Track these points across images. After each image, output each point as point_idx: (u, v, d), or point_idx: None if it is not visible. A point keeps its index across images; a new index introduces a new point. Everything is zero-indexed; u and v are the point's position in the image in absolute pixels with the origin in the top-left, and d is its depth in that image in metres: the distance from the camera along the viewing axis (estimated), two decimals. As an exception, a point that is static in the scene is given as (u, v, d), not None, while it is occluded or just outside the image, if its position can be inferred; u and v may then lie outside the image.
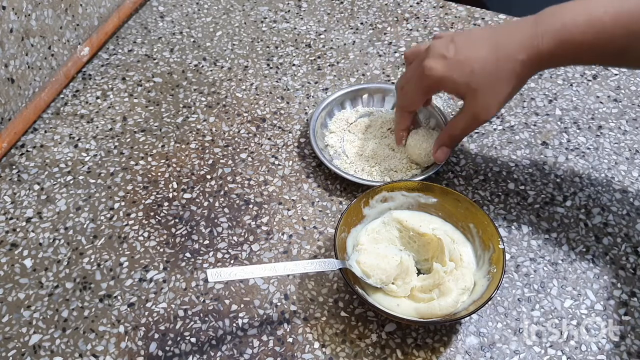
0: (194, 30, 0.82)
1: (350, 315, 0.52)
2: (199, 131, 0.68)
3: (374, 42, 0.80)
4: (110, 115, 0.70)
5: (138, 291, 0.54)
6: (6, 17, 0.63)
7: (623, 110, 0.70)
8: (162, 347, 0.50)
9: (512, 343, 0.50)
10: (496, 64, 0.51)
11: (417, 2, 0.86)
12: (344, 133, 0.66)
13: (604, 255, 0.56)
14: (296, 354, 0.49)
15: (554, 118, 0.69)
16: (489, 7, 0.87)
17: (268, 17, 0.84)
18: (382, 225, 0.54)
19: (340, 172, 0.61)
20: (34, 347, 0.50)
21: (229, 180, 0.63)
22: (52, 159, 0.65)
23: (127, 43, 0.80)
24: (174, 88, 0.74)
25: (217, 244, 0.57)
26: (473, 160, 0.65)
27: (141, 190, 0.62)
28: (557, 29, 0.49)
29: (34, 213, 0.60)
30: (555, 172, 0.63)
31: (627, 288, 0.54)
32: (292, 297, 0.53)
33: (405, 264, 0.51)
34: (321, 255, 0.57)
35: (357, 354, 0.49)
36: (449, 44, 0.54)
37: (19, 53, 0.66)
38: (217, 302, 0.53)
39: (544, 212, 0.60)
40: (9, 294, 0.53)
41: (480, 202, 0.61)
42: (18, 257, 0.56)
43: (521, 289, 0.54)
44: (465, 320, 0.52)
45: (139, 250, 0.57)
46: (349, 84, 0.74)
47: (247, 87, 0.74)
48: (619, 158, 0.65)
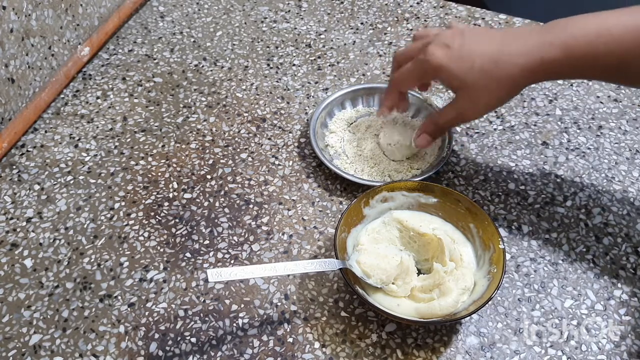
0: (194, 30, 0.82)
1: (350, 315, 0.52)
2: (199, 131, 0.68)
3: (374, 42, 0.80)
4: (111, 115, 0.70)
5: (138, 291, 0.54)
6: (6, 17, 0.63)
7: (623, 110, 0.70)
8: (162, 347, 0.50)
9: (513, 343, 0.50)
10: (496, 65, 0.51)
11: (417, 2, 0.86)
12: (344, 133, 0.66)
13: (604, 255, 0.56)
14: (296, 354, 0.49)
15: (554, 118, 0.69)
16: (489, 7, 0.87)
17: (268, 17, 0.84)
18: (383, 225, 0.54)
19: (340, 172, 0.61)
20: (34, 347, 0.50)
21: (229, 180, 0.63)
22: (53, 159, 0.65)
23: (128, 43, 0.80)
24: (174, 88, 0.74)
25: (218, 244, 0.57)
26: (473, 160, 0.65)
27: (141, 190, 0.62)
28: (565, 39, 0.49)
29: (34, 213, 0.60)
30: (556, 172, 0.63)
31: (628, 288, 0.54)
32: (292, 297, 0.53)
33: (405, 264, 0.51)
34: (321, 255, 0.57)
35: (358, 354, 0.49)
36: (457, 36, 0.53)
37: (19, 53, 0.66)
38: (217, 302, 0.53)
39: (544, 212, 0.60)
40: (9, 294, 0.53)
41: (480, 202, 0.61)
42: (18, 257, 0.56)
43: (521, 289, 0.54)
44: (466, 320, 0.52)
45: (139, 250, 0.57)
46: (349, 84, 0.74)
47: (248, 87, 0.74)
48: (619, 158, 0.65)
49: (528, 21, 0.82)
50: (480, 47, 0.52)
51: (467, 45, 0.53)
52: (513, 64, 0.51)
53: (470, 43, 0.53)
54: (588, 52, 0.48)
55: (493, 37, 0.53)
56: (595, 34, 0.48)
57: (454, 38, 0.53)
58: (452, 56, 0.53)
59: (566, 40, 0.49)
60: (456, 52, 0.53)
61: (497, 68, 0.51)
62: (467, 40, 0.53)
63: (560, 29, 0.50)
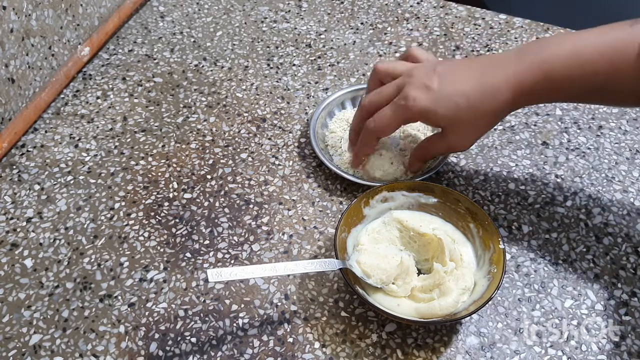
0: (194, 30, 0.82)
1: (350, 315, 0.52)
2: (199, 131, 0.68)
3: (374, 42, 0.80)
4: (111, 115, 0.70)
5: (138, 291, 0.54)
6: (6, 17, 0.63)
7: (623, 110, 0.70)
8: (162, 347, 0.50)
9: (513, 343, 0.50)
10: (480, 100, 0.51)
11: (417, 2, 0.86)
12: (344, 133, 0.66)
13: (604, 255, 0.56)
14: (296, 354, 0.49)
15: (554, 118, 0.69)
16: (489, 7, 0.87)
17: (268, 17, 0.84)
18: (383, 225, 0.54)
19: (340, 172, 0.61)
20: (35, 347, 0.50)
21: (230, 180, 0.63)
22: (53, 159, 0.65)
23: (128, 43, 0.80)
24: (174, 88, 0.74)
25: (218, 244, 0.57)
26: (473, 160, 0.65)
27: (141, 190, 0.62)
28: (540, 62, 0.49)
29: (35, 213, 0.60)
30: (556, 172, 0.63)
31: (628, 288, 0.54)
32: (292, 297, 0.53)
33: (405, 264, 0.51)
34: (321, 255, 0.57)
35: (358, 354, 0.49)
36: (432, 75, 0.52)
37: (20, 53, 0.66)
38: (217, 302, 0.53)
39: (544, 212, 0.60)
40: (9, 294, 0.53)
41: (480, 202, 0.61)
42: (18, 257, 0.56)
43: (521, 289, 0.54)
44: (466, 320, 0.52)
45: (140, 250, 0.57)
46: (349, 84, 0.74)
47: (248, 87, 0.74)
48: (619, 158, 0.65)
49: (528, 21, 0.82)
50: (459, 84, 0.52)
51: (446, 85, 0.52)
52: (495, 97, 0.51)
53: (447, 81, 0.52)
54: (564, 75, 0.49)
55: (469, 71, 0.52)
56: (569, 56, 0.48)
57: (430, 77, 0.52)
58: (434, 98, 0.52)
59: (542, 64, 0.49)
60: (437, 93, 0.52)
61: (481, 103, 0.51)
62: (445, 80, 0.52)
63: (535, 53, 0.50)
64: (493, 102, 0.51)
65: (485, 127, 0.54)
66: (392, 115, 0.54)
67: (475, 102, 0.51)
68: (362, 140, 0.58)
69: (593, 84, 0.49)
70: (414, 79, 0.53)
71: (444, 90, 0.52)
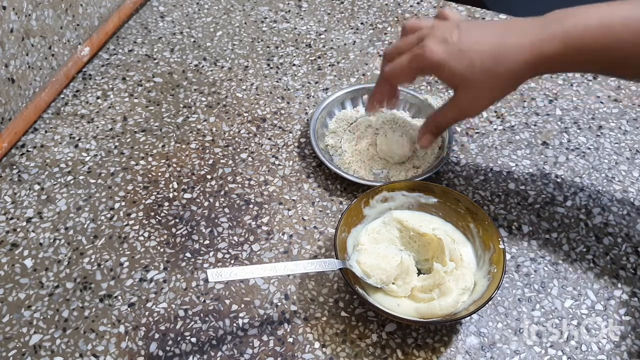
0: (194, 30, 0.82)
1: (350, 315, 0.52)
2: (199, 131, 0.68)
3: (374, 42, 0.80)
4: (111, 115, 0.70)
5: (138, 291, 0.54)
6: (6, 17, 0.63)
7: (623, 110, 0.70)
8: (162, 347, 0.50)
9: (513, 343, 0.50)
10: (496, 61, 0.50)
11: (417, 2, 0.86)
12: (344, 133, 0.66)
13: (604, 255, 0.56)
14: (296, 354, 0.49)
15: (554, 118, 0.69)
16: (489, 7, 0.87)
17: (268, 17, 0.84)
18: (383, 225, 0.54)
19: (340, 172, 0.61)
20: (35, 347, 0.50)
21: (230, 180, 0.63)
22: (53, 159, 0.65)
23: (128, 43, 0.80)
24: (174, 88, 0.74)
25: (218, 244, 0.57)
26: (473, 160, 0.65)
27: (141, 190, 0.62)
28: (566, 32, 0.48)
29: (35, 213, 0.60)
30: (556, 172, 0.63)
31: (628, 288, 0.54)
32: (292, 297, 0.53)
33: (405, 264, 0.51)
34: (321, 255, 0.57)
35: (358, 354, 0.49)
36: (454, 29, 0.52)
37: (20, 53, 0.66)
38: (217, 302, 0.53)
39: (544, 212, 0.60)
40: (9, 294, 0.53)
41: (480, 202, 0.61)
42: (18, 257, 0.56)
43: (521, 289, 0.54)
44: (466, 320, 0.52)
45: (140, 250, 0.57)
46: (349, 84, 0.74)
47: (248, 87, 0.74)
48: (619, 158, 0.65)
49: (528, 21, 0.81)
50: (478, 42, 0.51)
51: (466, 40, 0.51)
52: (513, 59, 0.50)
53: (468, 38, 0.51)
54: (589, 46, 0.48)
55: (490, 31, 0.52)
56: (597, 27, 0.47)
57: (451, 32, 0.51)
58: (451, 52, 0.51)
59: (566, 33, 0.48)
60: (455, 47, 0.51)
61: (497, 64, 0.50)
62: (465, 35, 0.51)
63: (560, 21, 0.49)
64: (509, 65, 0.50)
65: (498, 92, 0.53)
66: (407, 63, 0.54)
67: (490, 63, 0.50)
68: (377, 84, 0.59)
69: (617, 56, 0.48)
70: (436, 31, 0.53)
71: (461, 45, 0.51)
